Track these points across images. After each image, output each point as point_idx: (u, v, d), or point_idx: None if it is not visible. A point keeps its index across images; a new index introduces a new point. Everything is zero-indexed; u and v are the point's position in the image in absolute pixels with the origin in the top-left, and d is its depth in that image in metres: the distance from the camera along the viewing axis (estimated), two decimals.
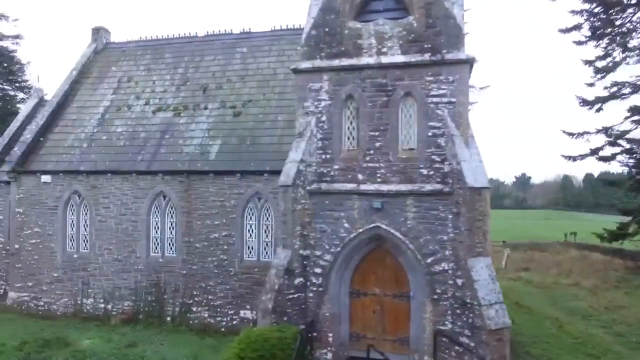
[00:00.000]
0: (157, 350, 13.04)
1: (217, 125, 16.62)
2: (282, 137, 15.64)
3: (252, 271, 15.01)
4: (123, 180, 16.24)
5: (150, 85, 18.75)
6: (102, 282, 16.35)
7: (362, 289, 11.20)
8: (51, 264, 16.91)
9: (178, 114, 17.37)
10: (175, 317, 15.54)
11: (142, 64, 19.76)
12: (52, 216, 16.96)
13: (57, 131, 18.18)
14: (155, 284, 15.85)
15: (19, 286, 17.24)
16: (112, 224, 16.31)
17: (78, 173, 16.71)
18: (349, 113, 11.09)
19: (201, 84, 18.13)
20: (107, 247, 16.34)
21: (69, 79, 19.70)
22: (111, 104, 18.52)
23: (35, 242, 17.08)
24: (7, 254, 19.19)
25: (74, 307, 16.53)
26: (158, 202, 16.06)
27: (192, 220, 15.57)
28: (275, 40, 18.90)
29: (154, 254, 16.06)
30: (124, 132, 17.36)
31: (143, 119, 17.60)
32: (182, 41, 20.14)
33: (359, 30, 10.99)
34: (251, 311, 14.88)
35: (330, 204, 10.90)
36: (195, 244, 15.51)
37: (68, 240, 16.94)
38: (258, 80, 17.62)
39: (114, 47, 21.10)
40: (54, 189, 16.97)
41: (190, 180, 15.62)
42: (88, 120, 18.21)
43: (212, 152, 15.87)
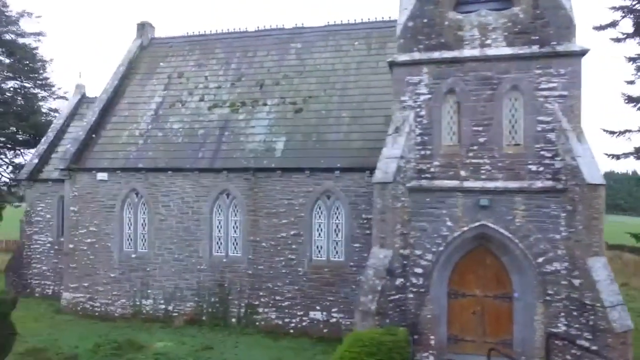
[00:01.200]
0: (236, 353, 12.64)
1: (279, 121, 16.22)
2: (349, 133, 15.27)
3: (322, 271, 14.62)
4: (184, 178, 15.82)
5: (202, 81, 18.33)
6: (163, 282, 15.93)
7: (460, 289, 10.82)
8: (108, 264, 16.49)
9: (236, 110, 16.96)
10: (241, 319, 15.15)
11: (192, 60, 19.34)
12: (109, 215, 16.54)
13: (110, 128, 17.76)
14: (219, 284, 15.43)
15: (74, 287, 16.82)
16: (173, 222, 15.89)
17: (136, 170, 16.29)
18: (449, 107, 10.70)
19: (257, 80, 17.72)
20: (168, 246, 15.92)
21: (117, 75, 19.28)
22: (163, 100, 18.11)
23: (91, 241, 16.66)
24: (55, 253, 18.85)
25: (133, 308, 16.12)
26: (221, 200, 15.65)
27: (258, 219, 15.16)
28: (330, 36, 18.50)
29: (216, 253, 15.66)
30: (180, 128, 16.94)
31: (199, 115, 17.19)
32: (232, 36, 19.72)
33: (459, 22, 10.61)
34: (321, 312, 14.52)
35: (431, 201, 10.51)
36: (261, 244, 15.11)
37: (125, 240, 16.53)
38: (317, 76, 17.21)
39: (160, 43, 20.67)
40: (110, 187, 16.55)
41: (256, 177, 15.21)
42: (141, 116, 17.79)
43: (277, 148, 15.47)
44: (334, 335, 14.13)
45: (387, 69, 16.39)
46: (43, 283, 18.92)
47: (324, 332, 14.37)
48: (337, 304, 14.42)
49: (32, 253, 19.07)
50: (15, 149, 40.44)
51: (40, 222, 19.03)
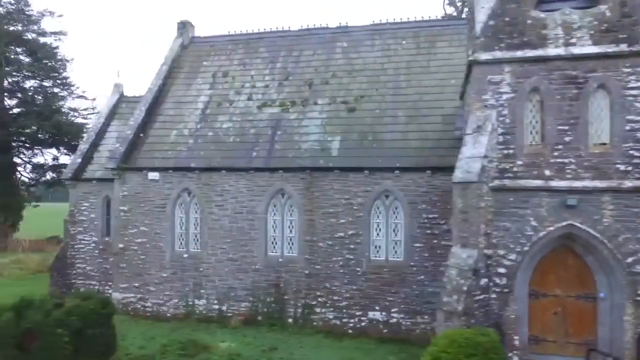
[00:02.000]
0: (304, 353, 12.58)
1: (332, 121, 16.15)
2: (406, 133, 15.20)
3: (380, 271, 14.55)
4: (238, 177, 15.75)
5: (249, 80, 18.25)
6: (216, 282, 15.85)
7: (541, 289, 10.75)
8: (159, 264, 16.41)
9: (286, 109, 16.88)
10: (298, 319, 15.07)
11: (236, 59, 19.27)
12: (160, 214, 16.46)
13: (157, 127, 17.68)
14: (274, 284, 15.35)
15: (124, 287, 16.74)
16: (227, 222, 15.81)
17: (188, 170, 16.21)
18: (532, 106, 10.63)
19: (305, 79, 17.64)
20: (221, 246, 15.84)
21: (160, 74, 19.20)
22: (210, 99, 18.02)
23: (142, 241, 16.58)
24: (99, 253, 18.76)
25: (185, 308, 16.04)
26: (276, 199, 15.57)
27: (315, 218, 15.08)
28: (377, 35, 18.43)
29: (271, 253, 15.58)
30: (230, 128, 16.86)
31: (248, 114, 17.12)
32: (275, 35, 19.65)
33: (543, 20, 10.53)
34: (381, 312, 14.45)
35: (514, 201, 10.43)
36: (318, 243, 15.03)
37: (176, 239, 16.44)
38: (367, 75, 17.14)
39: (201, 42, 20.59)
40: (162, 187, 16.47)
41: (312, 177, 15.14)
42: (188, 115, 17.71)
43: (332, 148, 15.40)
44: (394, 335, 14.12)
45: (439, 69, 16.48)
46: (87, 283, 18.82)
47: (384, 332, 14.30)
48: (396, 304, 14.35)
49: (76, 253, 18.97)
50: (34, 148, 40.41)
51: (84, 222, 18.92)
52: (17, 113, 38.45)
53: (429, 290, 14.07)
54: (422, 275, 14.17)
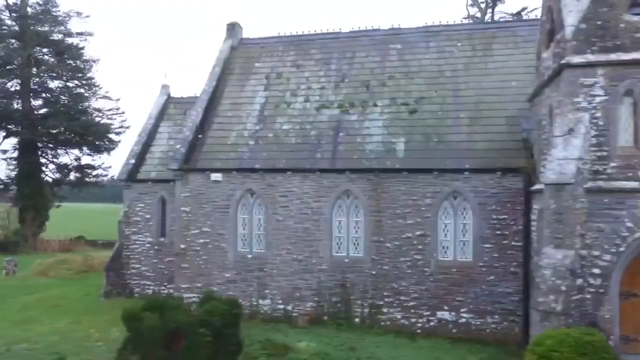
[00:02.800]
0: (386, 353, 12.69)
1: (394, 122, 16.29)
2: (471, 134, 15.35)
3: (449, 271, 14.70)
4: (304, 178, 15.88)
5: (304, 82, 18.38)
6: (281, 282, 15.99)
7: (632, 289, 10.88)
8: (222, 264, 16.54)
9: (346, 110, 17.01)
10: (365, 319, 15.21)
11: (289, 60, 19.38)
12: (223, 215, 16.58)
13: (215, 128, 17.81)
14: (340, 284, 15.49)
15: (186, 287, 16.85)
16: (292, 223, 15.95)
17: (252, 171, 16.35)
18: (625, 109, 10.78)
19: (361, 81, 17.77)
20: (286, 246, 15.98)
21: (214, 76, 19.33)
22: (266, 100, 18.15)
23: (204, 241, 16.70)
24: (155, 253, 18.89)
25: (250, 308, 16.12)
26: (342, 200, 15.71)
27: (382, 219, 15.23)
28: (430, 37, 18.56)
29: (336, 253, 15.72)
30: (291, 129, 17.00)
31: (307, 116, 17.25)
32: (326, 37, 19.78)
33: (636, 24, 10.68)
34: (449, 312, 14.59)
35: (609, 202, 10.57)
36: (385, 244, 15.18)
37: (239, 240, 16.57)
38: (424, 77, 17.27)
39: (250, 43, 20.71)
40: (225, 187, 16.60)
41: (379, 178, 15.28)
42: (245, 117, 17.84)
43: (398, 149, 15.54)
44: (464, 335, 14.26)
45: (497, 71, 16.64)
46: (142, 283, 18.95)
47: (453, 332, 14.44)
48: (466, 304, 14.50)
49: (130, 253, 19.09)
50: (57, 148, 40.49)
51: (139, 222, 19.05)
52: (43, 113, 38.58)
53: (498, 291, 14.24)
54: (492, 276, 14.32)
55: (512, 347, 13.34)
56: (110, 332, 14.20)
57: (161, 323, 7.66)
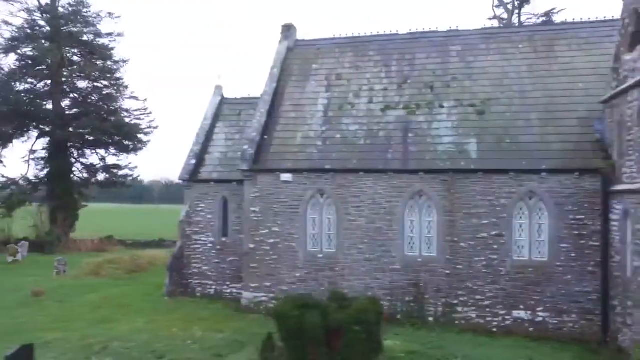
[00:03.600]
0: (476, 351, 12.88)
1: (462, 123, 16.47)
2: (544, 135, 15.53)
3: (525, 271, 14.87)
4: (376, 179, 16.06)
5: (365, 83, 18.55)
6: (352, 282, 16.16)
7: None
8: (293, 264, 16.71)
9: (412, 112, 17.19)
10: (438, 318, 15.39)
11: (347, 62, 19.55)
12: (293, 215, 16.75)
13: (280, 129, 17.98)
14: (413, 283, 15.67)
15: (255, 286, 17.03)
16: (364, 222, 16.12)
17: (323, 172, 16.52)
18: None
19: (425, 82, 17.94)
20: (358, 246, 16.16)
21: (273, 77, 19.49)
22: (329, 101, 18.32)
23: (274, 241, 16.87)
24: (216, 253, 19.06)
25: None
26: (414, 200, 15.89)
27: (456, 219, 15.41)
28: (490, 39, 18.74)
29: (409, 253, 15.90)
30: (358, 130, 17.17)
31: (373, 117, 17.42)
32: (383, 39, 19.94)
33: None
34: (525, 311, 14.76)
35: None
36: (459, 244, 15.36)
37: (309, 240, 16.74)
38: (488, 78, 17.45)
39: (305, 45, 20.86)
40: (295, 188, 16.77)
41: (453, 179, 15.46)
42: (310, 118, 18.02)
43: (470, 150, 15.72)
44: (541, 334, 14.42)
45: (564, 72, 16.81)
46: (204, 283, 19.12)
47: (530, 330, 14.61)
48: (542, 303, 14.67)
49: (192, 253, 19.26)
50: (84, 148, 40.64)
51: (200, 223, 19.22)
52: (74, 114, 38.76)
53: (576, 290, 14.42)
54: (569, 275, 14.50)
55: (592, 346, 13.53)
56: (193, 331, 14.41)
57: (322, 321, 7.82)
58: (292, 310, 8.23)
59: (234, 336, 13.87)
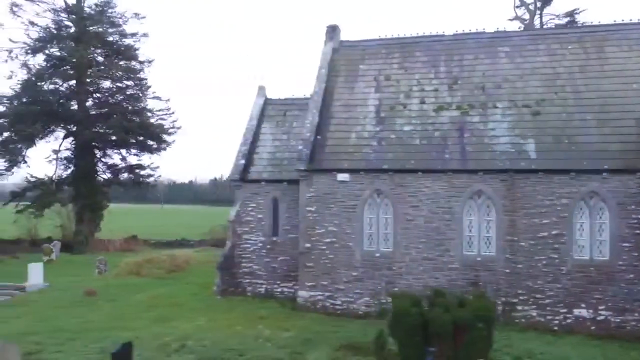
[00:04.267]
0: (547, 349, 13.01)
1: (519, 124, 16.61)
2: (603, 136, 15.69)
3: (586, 270, 15.03)
4: (434, 179, 16.20)
5: (415, 84, 18.69)
6: (410, 280, 16.30)
7: None
8: (349, 262, 16.84)
9: (466, 112, 17.33)
10: (498, 316, 15.39)
11: (394, 63, 19.68)
12: (349, 214, 16.89)
13: (333, 129, 18.11)
14: (472, 282, 15.81)
15: (310, 285, 17.16)
16: (422, 222, 16.27)
17: (380, 172, 16.66)
18: None
19: (475, 83, 18.08)
20: (416, 245, 16.30)
21: (321, 78, 19.61)
22: (380, 102, 18.46)
23: (330, 240, 17.01)
24: (267, 252, 19.19)
25: (378, 306, 16.45)
26: (472, 200, 16.03)
27: (516, 219, 15.55)
28: (539, 40, 18.90)
29: (467, 252, 16.04)
30: (412, 130, 17.31)
31: (426, 117, 17.57)
32: (429, 40, 20.08)
33: None
34: (587, 310, 14.91)
35: None
36: (519, 243, 15.50)
37: (365, 239, 16.88)
38: (540, 79, 17.59)
39: (350, 46, 20.97)
40: (351, 187, 16.91)
41: (513, 178, 15.60)
42: (362, 118, 18.15)
43: (529, 150, 15.87)
44: (603, 332, 14.56)
45: (617, 73, 16.98)
46: (254, 282, 19.24)
47: (591, 329, 14.76)
48: (604, 301, 14.83)
49: (242, 252, 19.39)
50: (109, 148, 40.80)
51: (250, 222, 19.34)
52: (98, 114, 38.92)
53: (638, 289, 14.56)
54: (632, 274, 14.66)
55: None
56: (258, 329, 14.52)
57: (450, 318, 7.97)
58: (411, 307, 8.36)
59: (301, 334, 14.00)
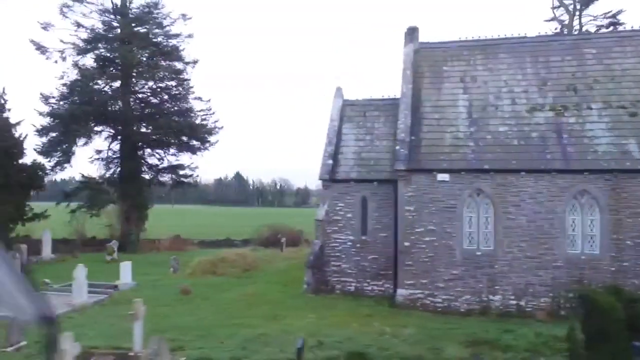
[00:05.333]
0: None
1: (617, 125, 16.92)
2: None
3: None
4: (537, 179, 16.49)
5: (503, 85, 18.99)
6: (512, 278, 16.59)
7: None
8: (449, 261, 17.13)
9: (560, 113, 17.62)
10: None
11: (478, 64, 19.98)
12: (449, 213, 17.19)
13: (426, 130, 18.40)
14: (576, 280, 16.10)
15: (410, 283, 17.45)
16: (524, 221, 16.56)
17: (481, 172, 16.95)
18: None
19: (566, 84, 18.38)
20: (518, 244, 16.58)
21: (407, 79, 19.90)
22: (470, 103, 18.76)
23: (430, 239, 17.30)
24: (356, 251, 19.48)
25: (479, 303, 16.74)
26: (576, 200, 16.32)
27: (622, 217, 15.85)
28: (625, 41, 19.22)
29: (570, 250, 16.33)
30: (508, 131, 17.61)
31: (521, 118, 17.86)
32: (512, 42, 20.40)
33: None
34: None
35: None
36: (625, 242, 15.80)
37: (465, 238, 17.17)
38: (633, 80, 17.91)
39: (429, 47, 21.28)
40: (451, 187, 17.20)
41: (618, 178, 15.90)
42: (454, 119, 18.45)
43: (632, 151, 16.17)
44: None
45: None
46: (343, 280, 19.52)
47: None
48: None
49: (331, 251, 19.68)
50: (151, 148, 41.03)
51: (339, 221, 19.63)
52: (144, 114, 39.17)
53: None
54: None
55: None
56: (375, 326, 14.78)
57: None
58: (617, 303, 8.68)
59: (422, 331, 14.22)
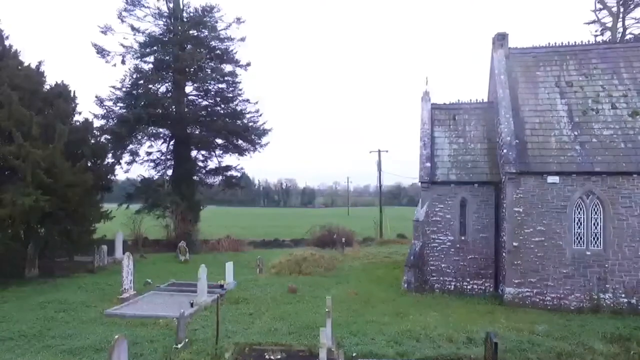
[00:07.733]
0: None
1: None
2: None
3: None
4: None
5: (600, 90, 19.57)
6: (623, 277, 17.17)
7: None
8: (559, 261, 17.71)
9: None
10: None
11: (572, 70, 20.56)
12: (559, 214, 17.76)
13: (529, 134, 18.98)
14: None
15: (518, 282, 18.03)
16: (635, 222, 17.14)
17: (591, 174, 17.53)
18: None
19: None
20: (629, 244, 17.17)
21: (502, 84, 20.48)
22: (569, 107, 19.34)
23: (539, 240, 17.88)
24: (455, 251, 20.06)
25: (589, 301, 17.32)
26: None
27: None
28: None
29: None
30: (613, 134, 18.19)
31: (624, 122, 18.46)
32: (602, 47, 21.11)
33: None
34: None
35: None
36: None
37: (574, 238, 17.75)
38: None
39: (519, 53, 21.82)
40: (560, 189, 17.78)
41: None
42: (556, 123, 19.03)
43: None
44: None
45: None
46: (442, 279, 20.12)
47: None
48: None
49: (430, 251, 20.27)
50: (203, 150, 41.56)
51: (438, 222, 20.23)
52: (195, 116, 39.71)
53: None
54: None
55: None
56: (502, 322, 15.35)
57: None
58: None
59: (554, 327, 14.84)
